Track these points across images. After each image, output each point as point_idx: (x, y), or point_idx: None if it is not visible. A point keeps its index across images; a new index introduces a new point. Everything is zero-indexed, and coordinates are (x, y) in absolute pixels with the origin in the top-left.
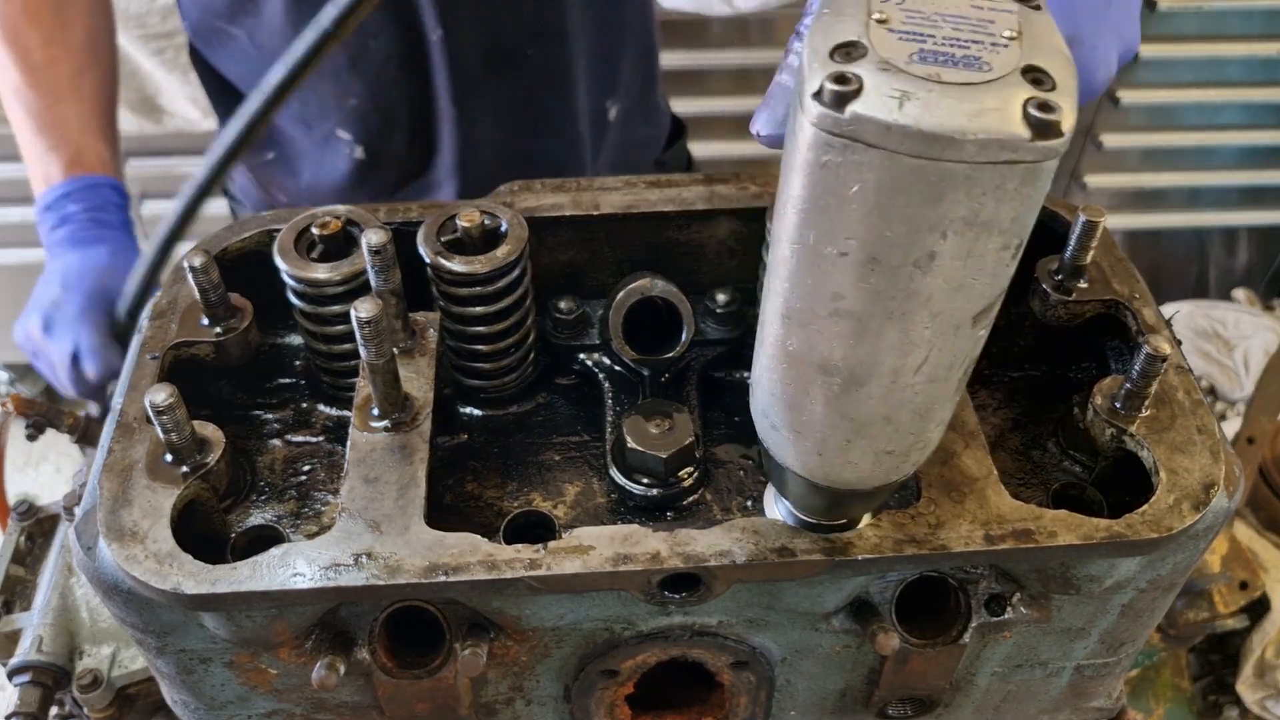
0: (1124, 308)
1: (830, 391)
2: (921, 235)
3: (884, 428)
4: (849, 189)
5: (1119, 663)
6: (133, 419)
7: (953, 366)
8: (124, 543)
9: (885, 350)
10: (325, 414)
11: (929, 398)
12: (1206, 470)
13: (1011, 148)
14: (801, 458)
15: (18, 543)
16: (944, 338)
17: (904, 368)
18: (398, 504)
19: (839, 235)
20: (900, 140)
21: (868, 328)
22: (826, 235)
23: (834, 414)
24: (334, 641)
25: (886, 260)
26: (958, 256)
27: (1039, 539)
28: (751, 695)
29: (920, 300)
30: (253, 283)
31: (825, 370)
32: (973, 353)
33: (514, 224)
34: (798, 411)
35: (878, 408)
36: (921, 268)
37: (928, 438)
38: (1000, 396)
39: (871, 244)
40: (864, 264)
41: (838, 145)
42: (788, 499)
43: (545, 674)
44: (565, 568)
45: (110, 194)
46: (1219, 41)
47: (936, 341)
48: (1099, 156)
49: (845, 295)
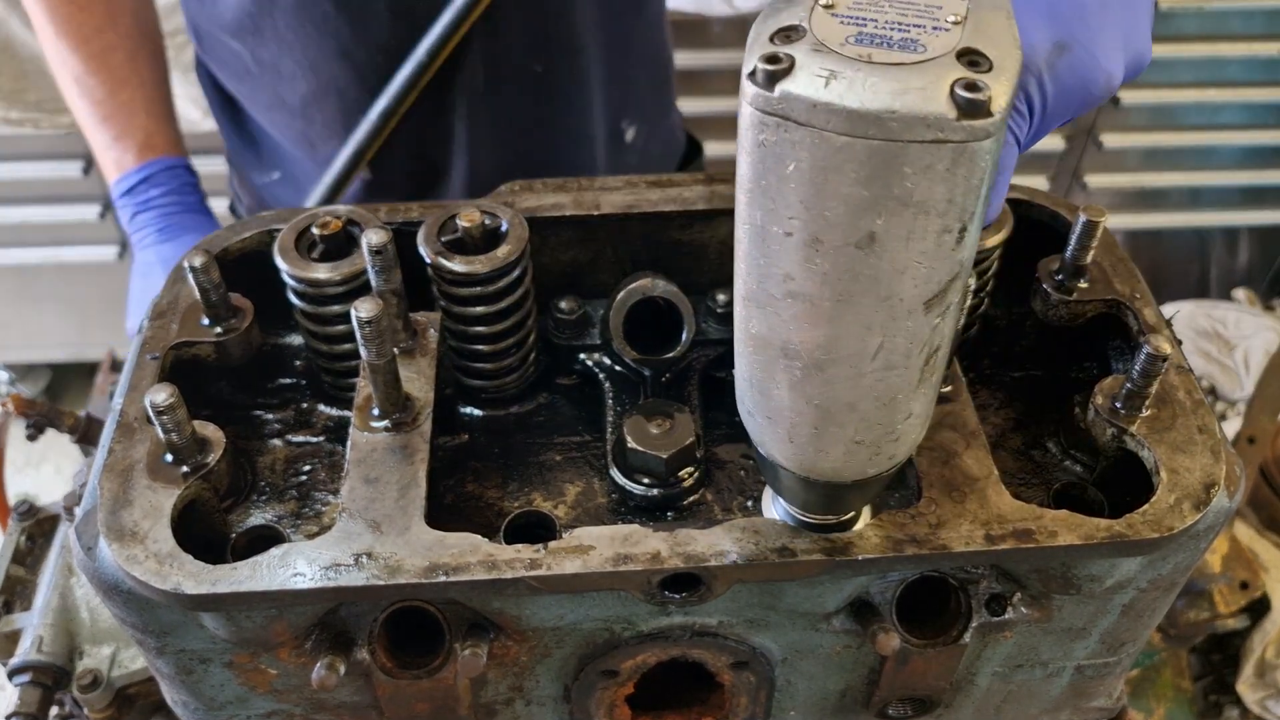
0: (1125, 307)
1: (793, 376)
2: (858, 215)
3: (849, 415)
4: (786, 168)
5: (1120, 663)
6: (133, 419)
7: (910, 354)
8: (124, 543)
9: (841, 334)
10: (326, 414)
11: (890, 386)
12: (1207, 470)
13: (937, 126)
14: (777, 445)
15: (18, 543)
16: (897, 323)
17: (861, 353)
18: (398, 504)
19: (783, 215)
20: (827, 118)
21: (819, 310)
22: (771, 215)
23: (799, 399)
24: (334, 642)
25: (829, 240)
26: (898, 238)
27: (1040, 539)
28: (752, 695)
29: (866, 282)
30: (253, 283)
31: (786, 354)
32: (931, 340)
33: (515, 224)
34: (766, 397)
35: (841, 394)
36: (863, 249)
37: (898, 430)
38: (1001, 396)
39: (812, 224)
40: (808, 244)
41: (771, 124)
42: (782, 496)
43: (545, 674)
44: (565, 568)
45: (186, 174)
46: (1220, 41)
47: (889, 326)
48: (1100, 156)
49: (795, 276)
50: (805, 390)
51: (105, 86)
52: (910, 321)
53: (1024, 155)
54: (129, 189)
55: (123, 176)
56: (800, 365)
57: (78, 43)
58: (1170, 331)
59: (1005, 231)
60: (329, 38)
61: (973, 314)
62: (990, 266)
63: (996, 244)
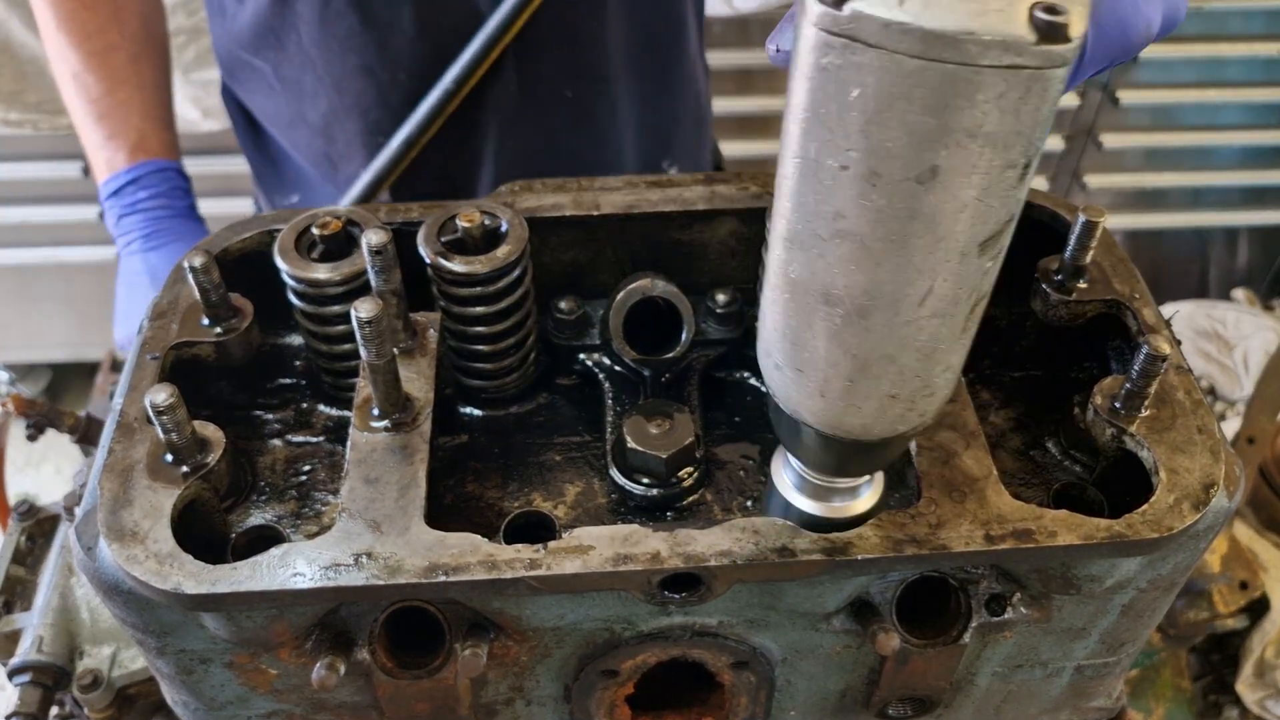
0: (1124, 308)
1: (832, 324)
2: (923, 147)
3: (887, 367)
4: (849, 94)
5: (1119, 663)
6: (133, 419)
7: (958, 300)
8: (124, 543)
9: (888, 277)
10: (326, 414)
11: (934, 336)
12: (1206, 470)
13: (1015, 50)
14: (805, 400)
15: (18, 543)
16: (949, 265)
17: (907, 298)
18: (398, 504)
19: (840, 147)
20: (900, 39)
21: (869, 251)
22: (827, 147)
23: (836, 349)
24: (334, 642)
25: (888, 174)
26: (961, 173)
27: (1039, 539)
28: (752, 695)
29: (923, 220)
30: (253, 283)
31: (827, 300)
32: (980, 287)
33: (515, 224)
34: (800, 347)
35: (881, 344)
36: (924, 184)
37: (934, 384)
38: (1001, 396)
39: (872, 156)
40: (865, 178)
41: (837, 46)
42: (797, 457)
43: (545, 674)
44: (565, 568)
45: (176, 178)
46: (1219, 42)
47: (941, 269)
48: (1100, 157)
49: (846, 215)
50: (844, 340)
51: (103, 85)
52: (963, 265)
53: None
54: (117, 190)
55: (112, 177)
56: (841, 312)
57: (79, 39)
58: (1170, 332)
59: None
60: (352, 54)
61: None
62: None
63: None
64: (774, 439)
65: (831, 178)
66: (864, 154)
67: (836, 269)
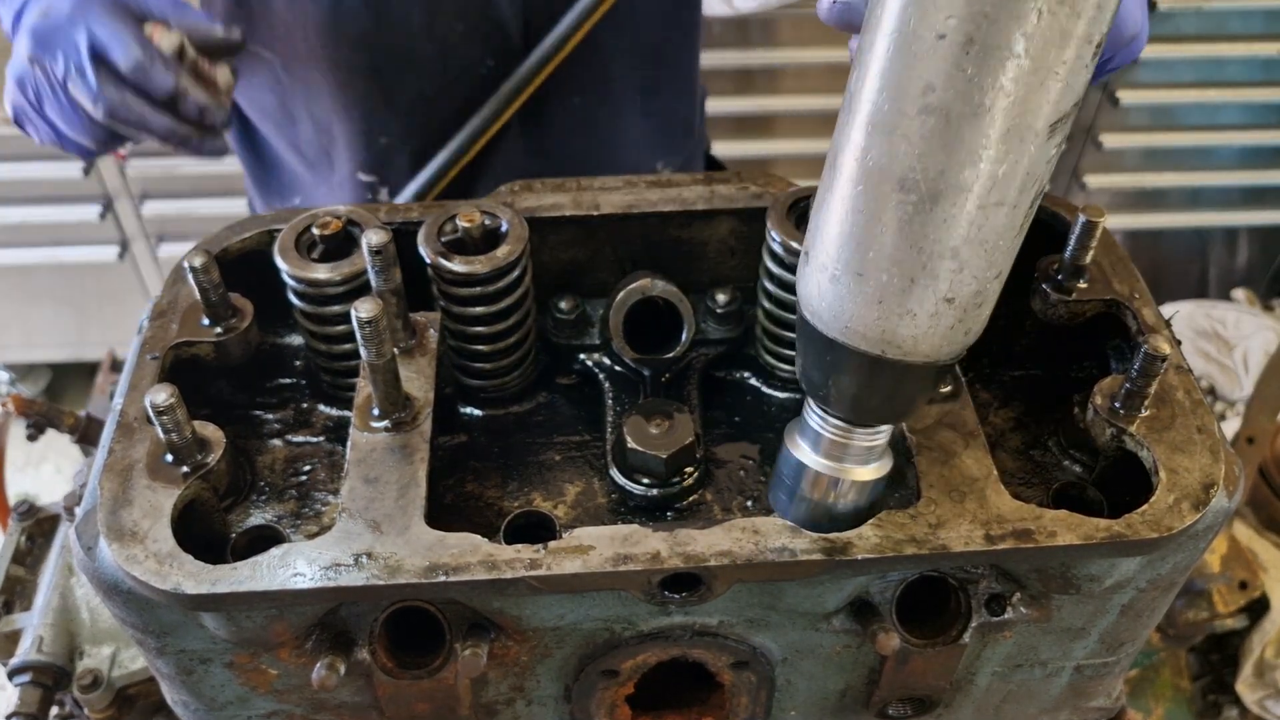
0: (1124, 307)
1: (904, 213)
2: (1017, 12)
3: (949, 264)
4: None
5: (1119, 662)
6: (133, 419)
7: (1024, 188)
8: (124, 543)
9: (966, 158)
10: (325, 414)
11: (996, 227)
12: (1206, 470)
13: None
14: (859, 309)
15: (18, 543)
16: (1021, 146)
17: (979, 181)
18: (398, 504)
19: (940, 15)
20: None
21: (952, 127)
22: (926, 17)
23: (903, 243)
24: (334, 642)
25: (983, 41)
26: (1050, 42)
27: (1039, 539)
28: (752, 695)
29: (1009, 94)
30: (253, 283)
31: (903, 186)
32: (1044, 176)
33: (514, 224)
34: (865, 246)
35: (947, 234)
36: (1013, 55)
37: (986, 291)
38: (1001, 396)
39: (970, 21)
40: (961, 46)
41: None
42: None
43: (545, 674)
44: (565, 567)
45: None
46: (1219, 41)
47: (1013, 149)
48: (1099, 157)
49: (936, 87)
50: (911, 231)
51: None
52: (1033, 146)
53: None
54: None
55: None
56: (914, 199)
57: None
58: (1169, 331)
59: None
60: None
61: None
62: None
63: None
64: (774, 439)
65: (928, 48)
66: (962, 20)
67: (918, 149)
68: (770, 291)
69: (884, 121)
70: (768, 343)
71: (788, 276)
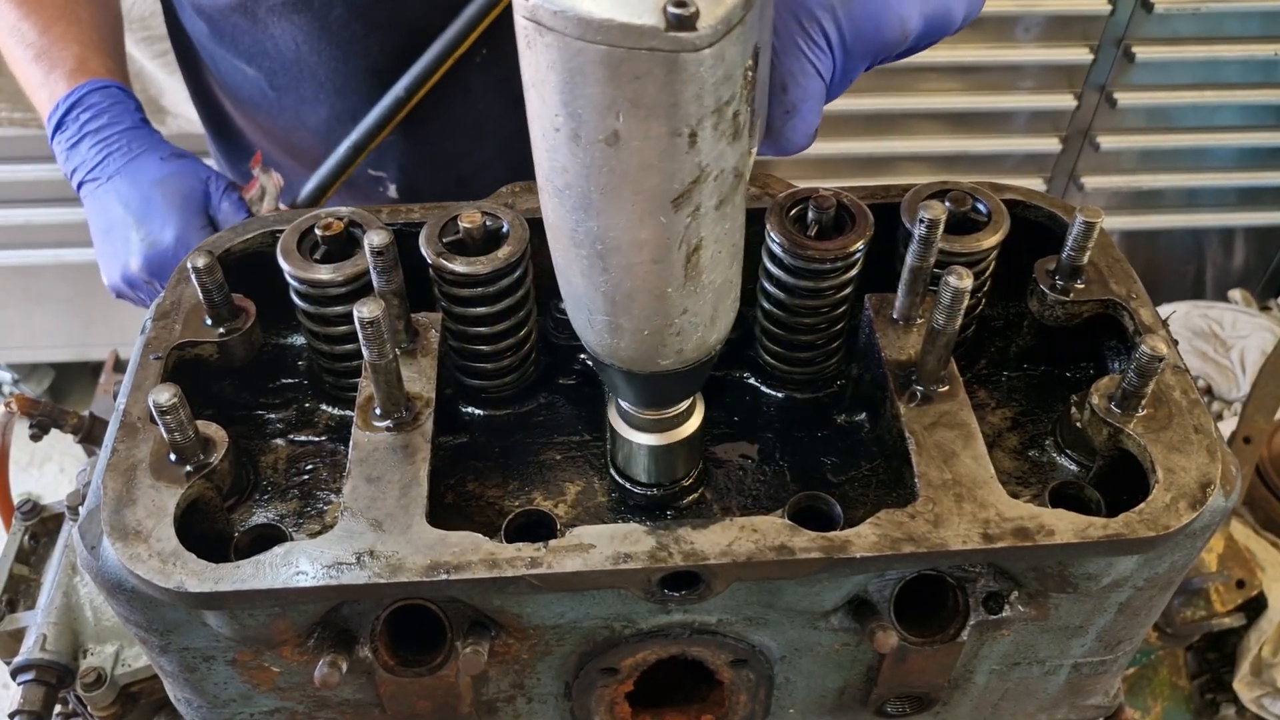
0: (1121, 308)
1: (583, 264)
2: (602, 113)
3: (631, 305)
4: (545, 68)
5: (1116, 661)
6: (136, 419)
7: (670, 249)
8: (128, 542)
9: (610, 225)
10: (328, 414)
11: (659, 280)
12: (1203, 469)
13: (649, 35)
14: (582, 331)
15: (22, 542)
16: (653, 218)
17: (630, 245)
18: (400, 503)
19: (551, 113)
20: (565, 23)
21: (589, 200)
22: (543, 112)
23: (590, 287)
24: (336, 640)
25: (585, 135)
26: (636, 137)
27: (1037, 538)
28: (751, 693)
29: (619, 176)
30: (256, 283)
31: (575, 242)
32: (688, 238)
33: (515, 225)
34: (568, 283)
35: (622, 283)
36: (612, 145)
37: (677, 324)
38: (998, 396)
39: (572, 120)
40: (571, 139)
41: (531, 29)
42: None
43: (546, 672)
44: (566, 566)
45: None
46: (1216, 43)
47: (647, 221)
48: (1096, 158)
49: (568, 169)
50: (593, 278)
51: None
52: (664, 217)
53: (1021, 156)
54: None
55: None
56: (585, 254)
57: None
58: (1166, 331)
59: (1002, 232)
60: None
61: (970, 314)
62: (987, 267)
63: (993, 244)
64: (772, 438)
65: (553, 138)
66: (566, 118)
67: (572, 217)
68: (769, 292)
69: (546, 189)
70: (766, 342)
71: (786, 277)
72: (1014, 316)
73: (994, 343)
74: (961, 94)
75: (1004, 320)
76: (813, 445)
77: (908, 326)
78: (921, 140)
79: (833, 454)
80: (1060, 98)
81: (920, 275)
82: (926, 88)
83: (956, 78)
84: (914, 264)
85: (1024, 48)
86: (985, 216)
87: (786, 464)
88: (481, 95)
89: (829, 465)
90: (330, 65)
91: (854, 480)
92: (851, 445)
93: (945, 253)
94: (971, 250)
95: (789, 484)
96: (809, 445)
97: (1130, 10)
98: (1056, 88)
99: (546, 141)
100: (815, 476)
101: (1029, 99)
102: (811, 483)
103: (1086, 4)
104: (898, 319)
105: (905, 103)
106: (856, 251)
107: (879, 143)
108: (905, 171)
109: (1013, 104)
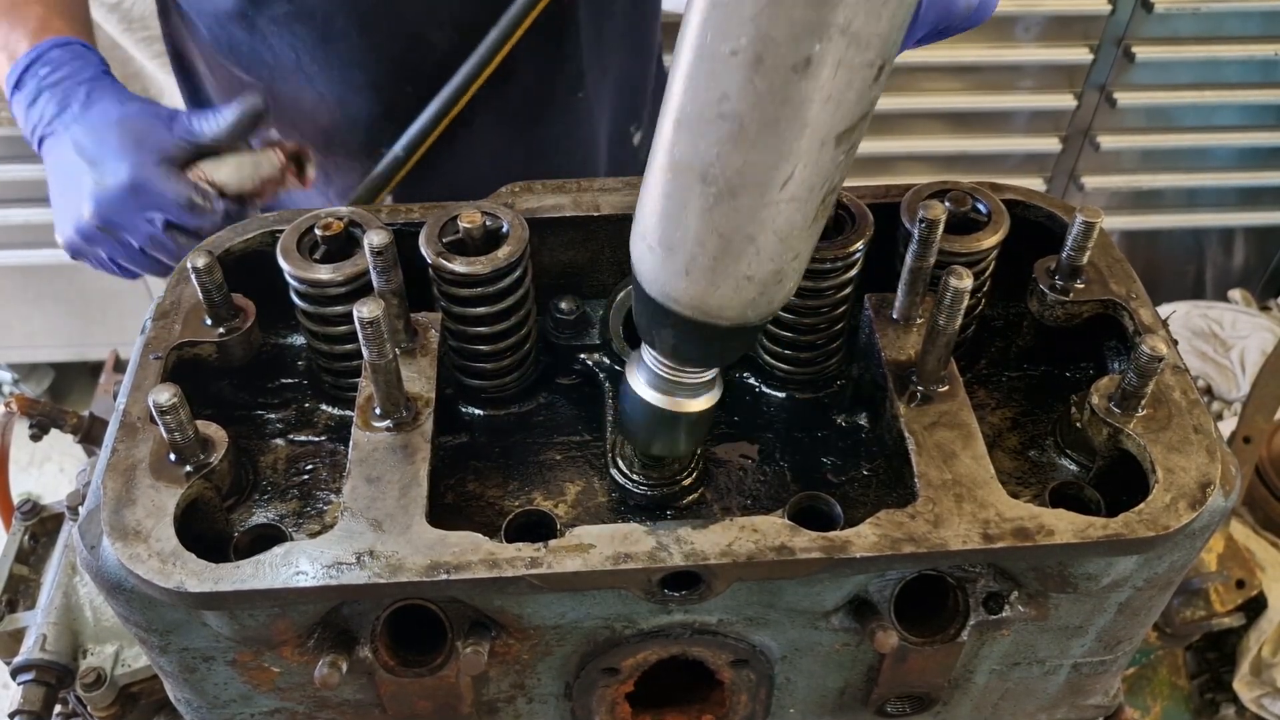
0: (1121, 308)
1: (705, 202)
2: (802, 38)
3: (747, 248)
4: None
5: (1116, 660)
6: (136, 419)
7: (814, 188)
8: (128, 542)
9: (758, 159)
10: (327, 414)
11: (789, 221)
12: (1203, 469)
13: None
14: (671, 279)
15: (21, 542)
16: (810, 153)
17: (772, 180)
18: (400, 503)
19: (733, 33)
20: None
21: (746, 132)
22: (722, 34)
23: (705, 227)
24: (336, 640)
25: (771, 61)
26: (832, 66)
27: (1037, 538)
28: (751, 693)
29: (795, 106)
30: (255, 283)
31: (704, 179)
32: (833, 178)
33: (515, 225)
34: (673, 226)
35: (745, 223)
36: (799, 72)
37: (784, 271)
38: (998, 396)
39: (760, 43)
40: (752, 64)
41: None
42: (655, 344)
43: (546, 672)
44: (566, 566)
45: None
46: (1216, 43)
47: (804, 155)
48: (1096, 157)
49: (731, 96)
50: (713, 218)
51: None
52: (821, 153)
53: (1021, 156)
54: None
55: (12, 68)
56: (715, 191)
57: None
58: (1166, 331)
59: (1002, 232)
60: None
61: (970, 314)
62: (987, 267)
63: (993, 244)
64: (772, 438)
65: (723, 63)
66: (752, 40)
67: (716, 149)
68: None
69: (688, 122)
70: (767, 343)
71: None
72: (1014, 316)
73: (994, 343)
74: (961, 94)
75: (1004, 320)
76: (813, 445)
77: (908, 326)
78: (921, 140)
79: (833, 454)
80: (1060, 98)
81: (920, 275)
82: (926, 88)
83: (956, 78)
84: (914, 264)
85: (1024, 47)
86: (985, 216)
87: (787, 464)
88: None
89: (829, 465)
90: (330, 76)
91: (854, 480)
92: (852, 445)
93: (945, 253)
94: (971, 250)
95: (789, 484)
96: (809, 445)
97: (1130, 10)
98: (1056, 87)
99: (710, 67)
100: (815, 476)
101: (1029, 99)
102: (812, 483)
103: (1086, 4)
104: (898, 319)
105: (905, 103)
106: (856, 252)
107: (879, 143)
108: (905, 171)
109: (1013, 104)
